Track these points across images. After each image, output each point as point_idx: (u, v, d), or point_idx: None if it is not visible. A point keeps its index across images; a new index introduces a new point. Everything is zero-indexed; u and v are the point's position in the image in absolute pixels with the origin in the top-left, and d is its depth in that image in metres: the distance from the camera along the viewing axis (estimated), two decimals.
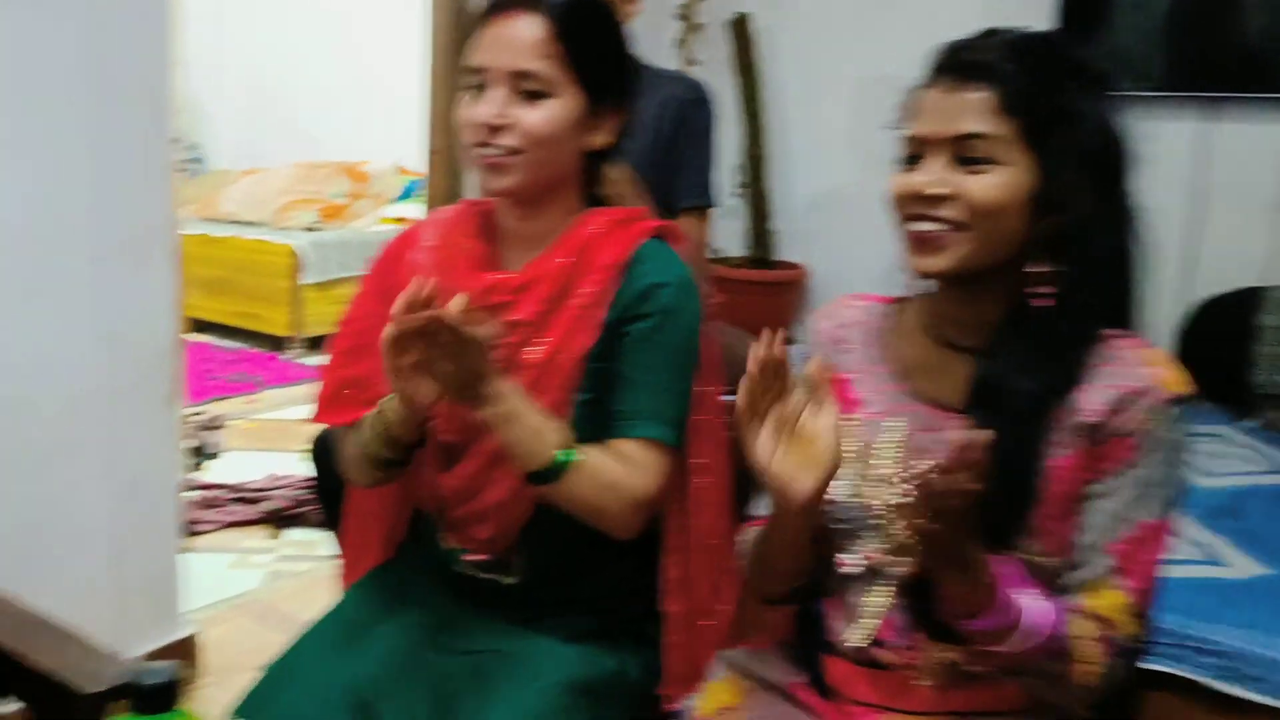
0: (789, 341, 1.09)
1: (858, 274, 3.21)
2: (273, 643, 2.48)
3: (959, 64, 1.12)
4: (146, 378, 2.11)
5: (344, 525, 1.54)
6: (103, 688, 1.25)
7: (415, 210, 5.71)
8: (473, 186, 3.08)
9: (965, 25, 1.18)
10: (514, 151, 1.25)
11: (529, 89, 1.25)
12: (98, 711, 1.27)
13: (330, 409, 1.35)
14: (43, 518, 1.97)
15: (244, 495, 3.23)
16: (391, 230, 5.75)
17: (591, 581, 1.35)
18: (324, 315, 5.21)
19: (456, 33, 2.91)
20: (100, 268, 1.98)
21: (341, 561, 1.56)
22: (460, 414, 1.26)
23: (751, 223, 3.50)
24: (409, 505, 1.45)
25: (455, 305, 1.12)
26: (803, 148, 3.49)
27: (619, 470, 1.25)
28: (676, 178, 2.15)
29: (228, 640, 2.45)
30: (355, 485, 1.42)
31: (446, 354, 1.14)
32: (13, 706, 1.36)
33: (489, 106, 1.25)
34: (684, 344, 1.29)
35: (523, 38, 1.24)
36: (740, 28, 3.42)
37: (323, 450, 2.14)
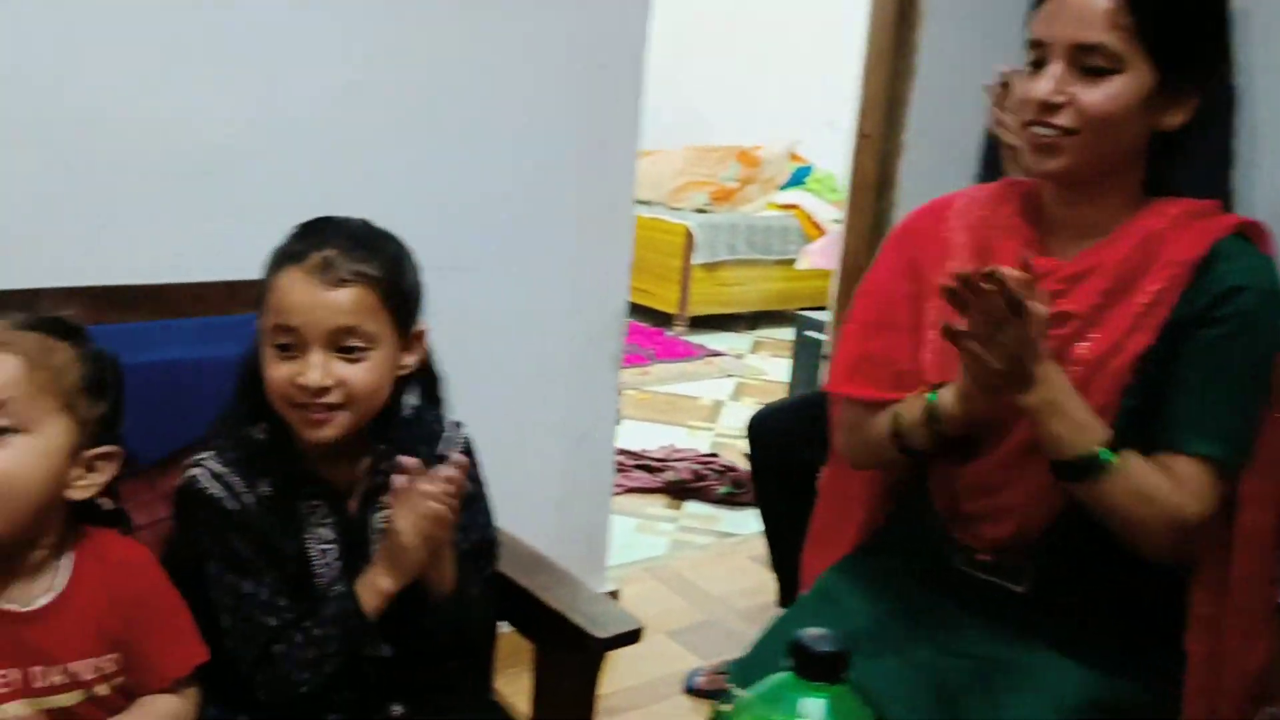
0: None
1: None
2: (679, 608, 2.58)
3: None
4: (599, 340, 2.22)
5: (817, 504, 1.52)
6: (611, 634, 1.31)
7: (803, 197, 5.70)
8: (908, 174, 2.99)
9: None
10: (1068, 132, 1.16)
11: (1092, 64, 1.14)
12: (600, 656, 1.33)
13: (847, 380, 1.33)
14: (507, 461, 2.09)
15: (645, 463, 3.34)
16: (778, 216, 5.74)
17: (1108, 601, 1.24)
18: (708, 296, 5.33)
19: (901, 10, 2.81)
20: (578, 238, 2.10)
21: (807, 540, 1.54)
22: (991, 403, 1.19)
23: None
24: (894, 490, 1.41)
25: (1015, 272, 1.05)
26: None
27: (1163, 484, 1.13)
28: (1184, 169, 1.94)
29: (639, 600, 2.53)
30: (853, 465, 1.39)
31: (999, 324, 1.07)
32: (505, 629, 1.45)
33: (1046, 83, 1.16)
34: (1259, 358, 1.15)
35: (1089, 7, 1.14)
36: None
37: (762, 428, 2.17)
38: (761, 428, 2.15)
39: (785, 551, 2.16)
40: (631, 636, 1.30)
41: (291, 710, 1.16)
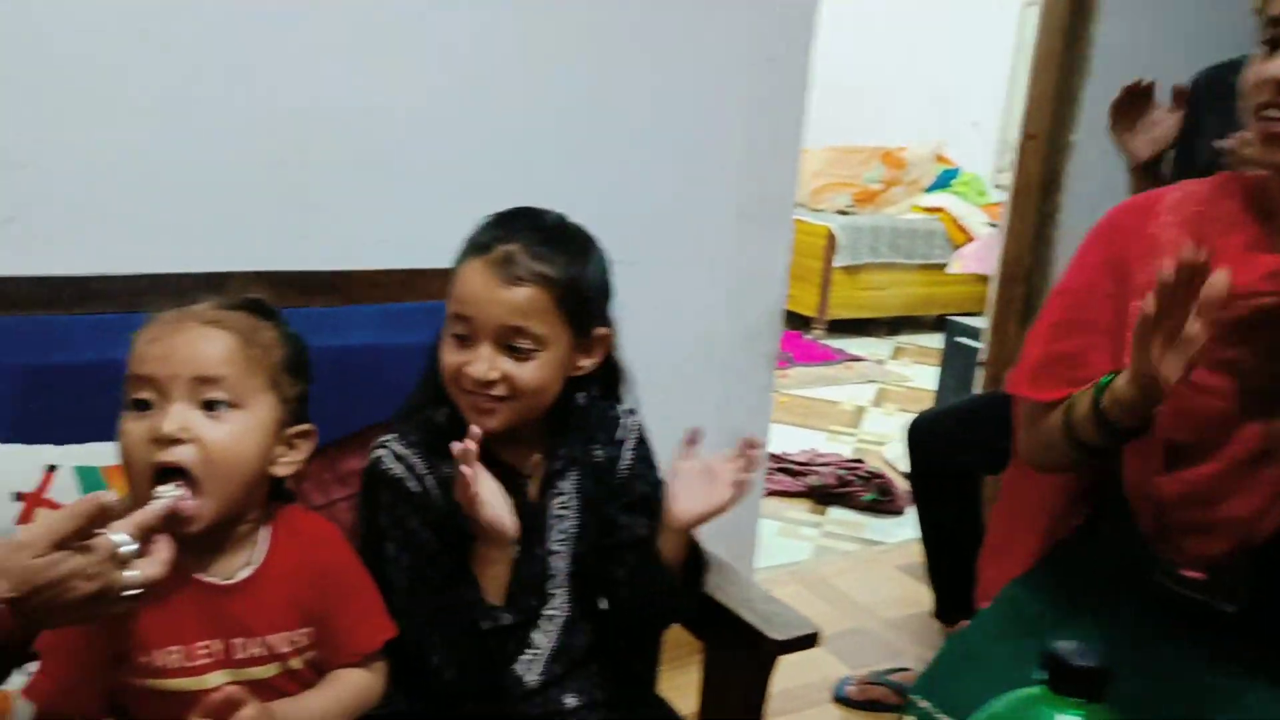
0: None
1: None
2: (825, 614, 2.52)
3: None
4: (757, 335, 2.19)
5: (995, 511, 1.46)
6: (787, 637, 1.27)
7: (949, 200, 5.55)
8: (1076, 176, 2.85)
9: None
10: None
11: None
12: (773, 659, 1.30)
13: (1033, 382, 1.25)
14: (659, 456, 2.09)
15: (787, 467, 3.29)
16: (922, 219, 5.58)
17: None
18: (848, 299, 5.23)
19: (1076, 6, 2.69)
20: (739, 235, 2.07)
21: (984, 546, 1.47)
22: (1195, 409, 1.11)
23: None
24: (1083, 498, 1.33)
25: (1219, 279, 0.97)
26: None
27: None
28: None
29: None
30: (1032, 466, 1.31)
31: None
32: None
33: None
34: None
35: None
36: None
37: (922, 433, 2.10)
38: (921, 433, 2.08)
39: (944, 560, 2.09)
40: (808, 640, 1.26)
41: (458, 700, 1.16)
